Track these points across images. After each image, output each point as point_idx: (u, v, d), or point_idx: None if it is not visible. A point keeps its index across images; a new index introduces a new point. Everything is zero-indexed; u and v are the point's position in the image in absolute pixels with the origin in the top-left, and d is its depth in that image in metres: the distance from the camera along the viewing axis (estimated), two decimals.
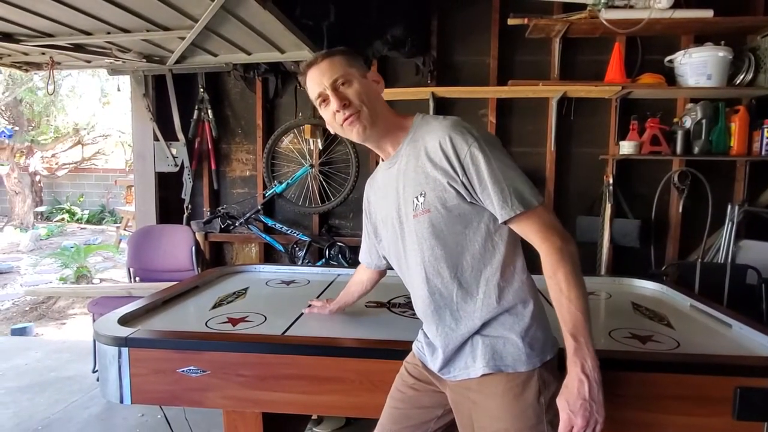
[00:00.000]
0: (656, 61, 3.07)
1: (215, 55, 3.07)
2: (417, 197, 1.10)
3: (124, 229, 7.65)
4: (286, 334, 1.52)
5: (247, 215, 3.34)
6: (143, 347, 1.40)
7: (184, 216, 3.53)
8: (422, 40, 3.20)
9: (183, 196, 3.53)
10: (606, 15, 2.79)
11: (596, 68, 3.12)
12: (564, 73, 3.18)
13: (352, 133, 1.14)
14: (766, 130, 2.87)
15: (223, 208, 3.42)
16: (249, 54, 3.03)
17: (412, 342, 1.29)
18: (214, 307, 1.81)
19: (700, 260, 2.88)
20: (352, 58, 1.16)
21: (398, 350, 1.33)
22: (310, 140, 3.39)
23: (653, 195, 3.17)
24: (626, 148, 3.02)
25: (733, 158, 3.00)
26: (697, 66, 2.86)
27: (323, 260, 3.32)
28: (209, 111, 3.41)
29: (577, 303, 0.99)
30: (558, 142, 3.22)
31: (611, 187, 3.10)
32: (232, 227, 3.37)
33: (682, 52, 2.92)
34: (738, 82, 2.93)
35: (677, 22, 2.81)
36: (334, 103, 1.11)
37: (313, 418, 2.38)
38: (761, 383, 1.19)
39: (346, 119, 1.12)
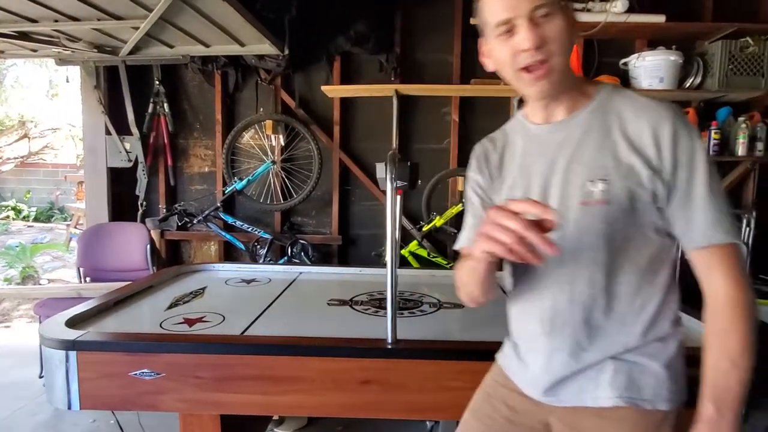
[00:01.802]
0: (612, 64, 3.17)
1: (171, 47, 2.97)
2: (594, 181, 0.87)
3: (75, 227, 7.31)
4: (245, 333, 1.48)
5: (206, 212, 3.24)
6: (92, 350, 1.34)
7: (139, 213, 3.40)
8: (386, 37, 3.19)
9: (137, 193, 3.40)
10: None
11: None
12: None
13: (531, 87, 0.88)
14: (713, 131, 3.01)
15: (180, 205, 3.31)
16: (207, 46, 2.95)
17: (373, 339, 1.28)
18: (170, 307, 1.75)
19: None
20: None
21: (360, 348, 1.32)
22: (272, 136, 3.32)
23: None
24: None
25: None
26: (651, 69, 2.97)
27: (285, 258, 3.27)
28: (165, 104, 3.29)
29: (743, 374, 0.82)
30: None
31: None
32: (189, 225, 3.27)
33: (636, 55, 3.02)
34: (688, 85, 3.06)
35: (631, 27, 2.92)
36: (525, 39, 0.82)
37: (274, 418, 2.34)
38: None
39: (532, 67, 0.84)
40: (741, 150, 3.01)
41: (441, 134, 3.34)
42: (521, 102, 1.03)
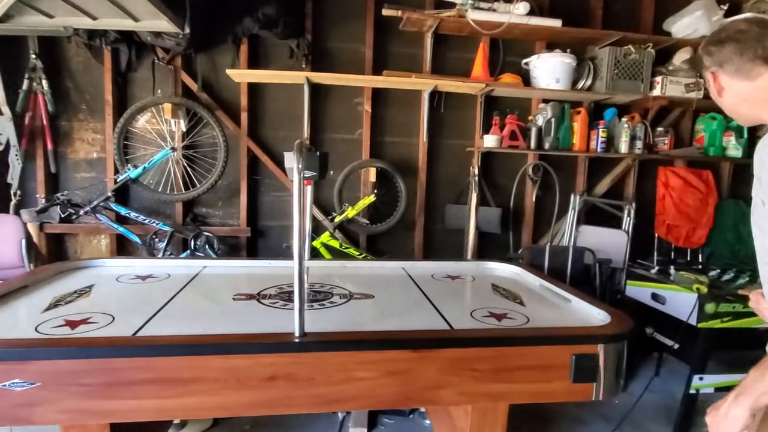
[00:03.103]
0: (515, 63, 3.35)
1: (51, 17, 2.63)
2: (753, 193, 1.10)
3: None
4: (138, 334, 1.36)
5: (95, 203, 2.94)
6: None
7: (12, 203, 2.99)
8: (296, 22, 3.10)
9: (9, 180, 2.99)
10: (472, 15, 2.98)
11: (464, 65, 3.30)
12: (435, 67, 3.31)
13: None
14: (600, 130, 3.30)
15: (63, 195, 2.96)
16: (94, 19, 2.65)
17: (280, 334, 1.23)
18: (49, 308, 1.55)
19: (549, 244, 3.24)
20: (700, 61, 1.21)
21: (265, 343, 1.26)
22: (172, 121, 3.09)
23: (512, 185, 3.47)
24: (489, 141, 3.26)
25: (576, 154, 3.41)
26: (548, 70, 3.18)
27: (188, 252, 3.07)
28: (44, 81, 2.92)
29: None
30: (430, 133, 3.35)
31: (476, 178, 3.32)
32: (75, 216, 2.94)
33: (536, 56, 3.22)
34: (580, 86, 3.32)
35: (532, 29, 3.11)
36: None
37: (175, 422, 2.20)
38: (591, 349, 1.35)
39: None
40: (624, 147, 3.34)
41: (353, 124, 3.32)
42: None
